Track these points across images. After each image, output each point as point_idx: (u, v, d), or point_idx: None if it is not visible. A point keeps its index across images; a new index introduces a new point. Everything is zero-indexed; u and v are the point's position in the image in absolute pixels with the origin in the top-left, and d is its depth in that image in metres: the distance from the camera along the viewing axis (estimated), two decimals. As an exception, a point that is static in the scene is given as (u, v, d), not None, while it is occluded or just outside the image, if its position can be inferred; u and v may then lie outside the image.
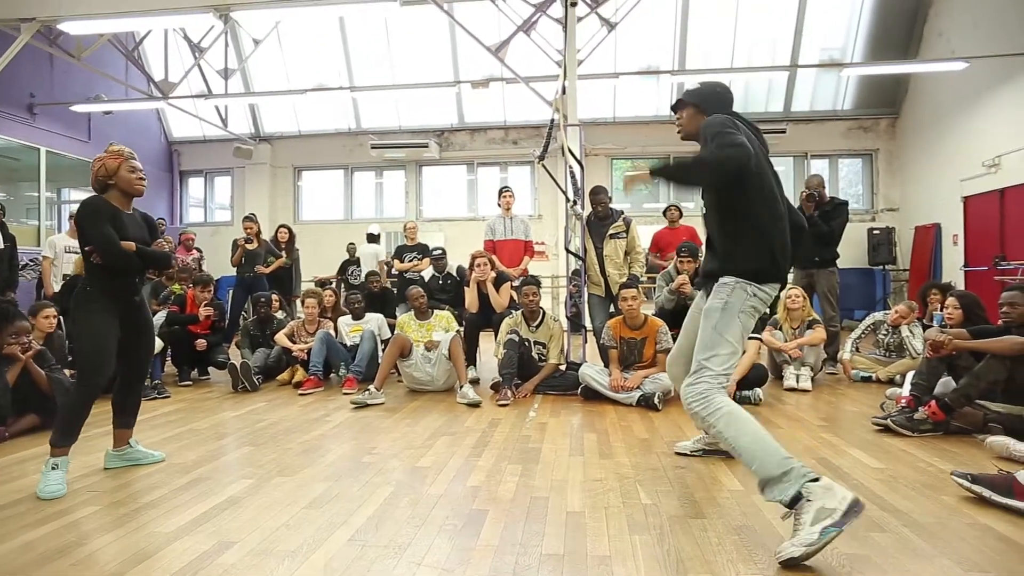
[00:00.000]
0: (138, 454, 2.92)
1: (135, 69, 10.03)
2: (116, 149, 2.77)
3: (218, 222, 12.68)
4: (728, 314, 2.17)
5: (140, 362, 2.90)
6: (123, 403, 2.90)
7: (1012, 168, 8.10)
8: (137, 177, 2.77)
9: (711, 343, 2.17)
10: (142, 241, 2.80)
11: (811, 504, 1.81)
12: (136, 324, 2.82)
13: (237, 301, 7.03)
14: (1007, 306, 3.30)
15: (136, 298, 2.83)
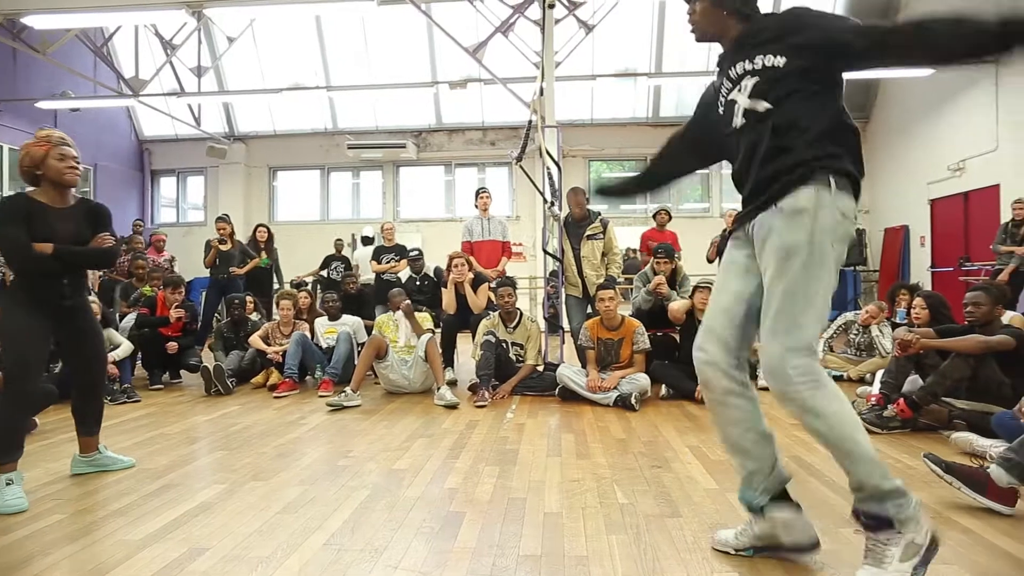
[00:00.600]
0: (107, 460, 2.83)
1: (104, 65, 9.79)
2: (44, 134, 2.53)
3: (191, 222, 12.46)
4: (815, 247, 1.57)
5: (88, 369, 2.73)
6: (82, 410, 2.77)
7: (976, 172, 8.35)
8: (67, 166, 2.52)
9: (805, 294, 1.58)
10: (78, 238, 2.58)
11: (902, 537, 1.56)
12: (74, 330, 2.65)
13: (210, 303, 6.91)
14: (971, 306, 3.40)
15: (67, 303, 2.60)
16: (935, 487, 2.47)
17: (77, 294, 2.68)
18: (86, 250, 2.64)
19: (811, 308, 1.59)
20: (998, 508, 2.17)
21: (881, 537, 1.58)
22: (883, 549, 1.57)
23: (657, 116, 11.21)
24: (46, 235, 2.50)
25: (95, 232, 2.67)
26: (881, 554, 1.57)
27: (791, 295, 1.59)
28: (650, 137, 11.17)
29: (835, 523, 2.12)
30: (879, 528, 1.58)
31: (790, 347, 1.59)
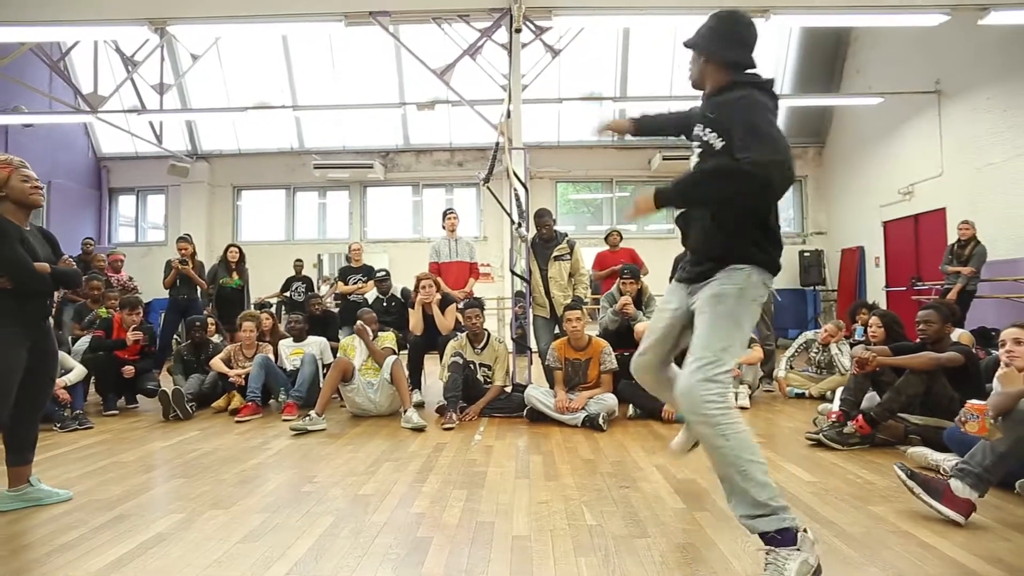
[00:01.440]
0: (40, 493, 2.65)
1: (60, 80, 9.53)
2: (4, 158, 2.52)
3: (151, 242, 12.13)
4: (744, 301, 1.91)
5: (41, 392, 2.65)
6: (18, 437, 2.62)
7: (925, 196, 8.73)
8: (32, 187, 2.53)
9: (726, 331, 1.88)
10: (47, 259, 2.59)
11: (799, 554, 1.71)
12: (43, 351, 2.59)
13: (169, 324, 6.71)
14: (923, 324, 3.53)
15: (44, 323, 2.59)
16: (894, 501, 2.54)
17: (50, 313, 2.67)
18: (69, 271, 2.67)
19: (730, 346, 1.88)
20: (951, 515, 2.24)
21: (783, 552, 1.73)
22: (783, 562, 1.71)
23: (622, 139, 11.44)
24: (33, 256, 2.51)
25: (56, 254, 2.69)
26: (781, 567, 1.71)
27: (715, 332, 1.90)
28: (615, 160, 11.40)
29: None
30: (783, 543, 1.73)
31: (708, 376, 1.84)
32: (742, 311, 1.91)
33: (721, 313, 1.91)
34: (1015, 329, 2.76)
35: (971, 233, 6.61)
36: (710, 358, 1.85)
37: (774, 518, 1.75)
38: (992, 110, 7.52)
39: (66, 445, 3.80)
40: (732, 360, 1.88)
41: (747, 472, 1.77)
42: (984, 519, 2.31)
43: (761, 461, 1.81)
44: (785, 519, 1.75)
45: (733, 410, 1.84)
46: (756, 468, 1.78)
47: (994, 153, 7.50)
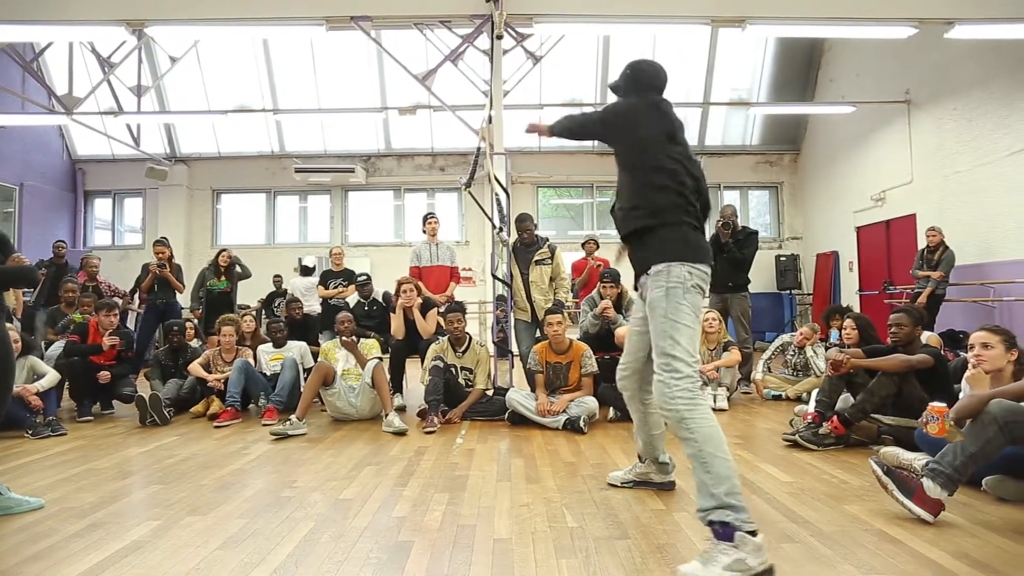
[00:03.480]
0: (9, 502, 2.58)
1: (34, 81, 9.35)
2: None
3: (127, 245, 11.93)
4: (672, 299, 2.08)
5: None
6: None
7: (896, 202, 8.95)
8: None
9: (668, 331, 2.07)
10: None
11: (735, 552, 1.81)
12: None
13: (147, 328, 6.61)
14: (895, 327, 3.62)
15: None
16: (867, 500, 2.60)
17: (6, 318, 2.56)
18: (13, 268, 2.57)
19: (678, 345, 2.04)
20: (921, 514, 2.30)
21: (721, 545, 1.83)
22: (716, 555, 1.82)
23: (602, 145, 11.50)
24: None
25: (4, 254, 2.58)
26: (712, 557, 1.82)
27: (660, 337, 2.09)
28: (596, 165, 11.48)
29: (775, 538, 2.19)
30: (724, 537, 1.84)
31: (671, 376, 2.03)
32: (673, 310, 2.07)
33: (658, 317, 2.09)
34: (983, 333, 2.85)
35: (939, 239, 6.80)
36: (666, 360, 2.05)
37: (720, 511, 1.86)
38: (958, 120, 7.74)
39: (38, 452, 3.72)
40: (685, 355, 2.04)
41: (708, 465, 1.92)
42: (953, 516, 2.38)
43: (724, 456, 1.93)
44: (729, 515, 1.85)
45: (701, 406, 1.99)
46: (718, 463, 1.91)
47: (961, 161, 7.72)
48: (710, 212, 2.41)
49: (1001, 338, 2.79)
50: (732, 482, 1.90)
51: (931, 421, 2.70)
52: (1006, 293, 6.99)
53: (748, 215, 11.90)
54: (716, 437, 1.96)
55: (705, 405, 2.01)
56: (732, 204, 6.05)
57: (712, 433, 1.96)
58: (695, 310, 2.10)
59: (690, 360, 2.05)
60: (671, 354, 2.05)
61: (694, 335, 2.09)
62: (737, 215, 5.94)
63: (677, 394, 2.01)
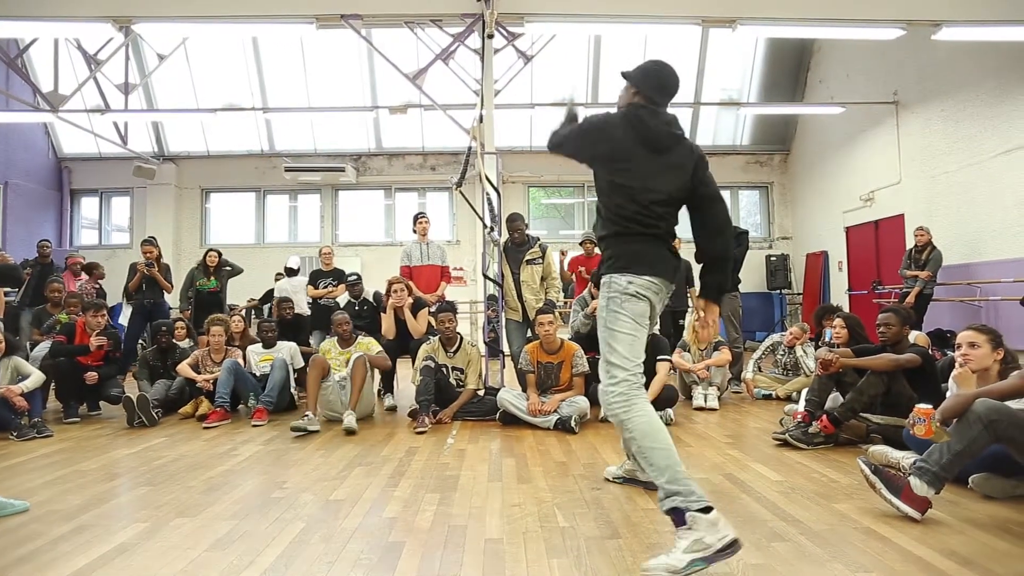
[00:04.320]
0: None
1: (18, 78, 9.23)
2: None
3: (115, 245, 11.81)
4: (610, 309, 2.16)
5: None
6: None
7: (884, 202, 9.02)
8: None
9: (607, 339, 2.17)
10: None
11: (691, 533, 1.86)
12: None
13: (134, 329, 6.54)
14: (883, 326, 3.65)
15: None
16: (856, 499, 2.62)
17: None
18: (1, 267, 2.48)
19: (615, 351, 2.13)
20: (909, 512, 2.32)
21: (680, 531, 1.90)
22: (676, 541, 1.89)
23: (594, 145, 11.54)
24: None
25: None
26: (673, 544, 1.90)
27: (603, 345, 2.19)
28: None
29: (766, 537, 2.20)
30: (679, 523, 1.91)
31: (608, 383, 2.13)
32: (611, 319, 2.16)
33: (600, 326, 2.21)
34: (970, 332, 2.87)
35: (927, 239, 6.86)
36: (606, 367, 2.16)
37: (668, 500, 1.94)
38: (946, 121, 7.82)
39: (23, 454, 3.68)
40: (622, 360, 2.12)
41: (648, 458, 2.01)
42: (940, 514, 2.40)
43: (663, 447, 2.00)
44: (677, 500, 1.92)
45: (637, 405, 2.07)
46: (657, 454, 1.99)
47: (948, 162, 7.79)
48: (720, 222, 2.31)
49: (988, 337, 2.82)
50: (673, 469, 1.96)
51: (918, 423, 2.72)
52: (992, 293, 7.06)
53: (739, 215, 11.96)
54: (653, 431, 2.03)
55: (641, 403, 2.08)
56: (723, 204, 6.08)
57: (648, 429, 2.04)
58: (635, 317, 2.14)
59: (628, 365, 2.12)
60: (609, 360, 2.14)
61: (634, 341, 2.14)
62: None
63: (612, 399, 2.10)
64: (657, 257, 2.20)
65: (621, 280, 2.16)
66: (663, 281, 2.20)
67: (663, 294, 2.23)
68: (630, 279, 2.15)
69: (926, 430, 2.66)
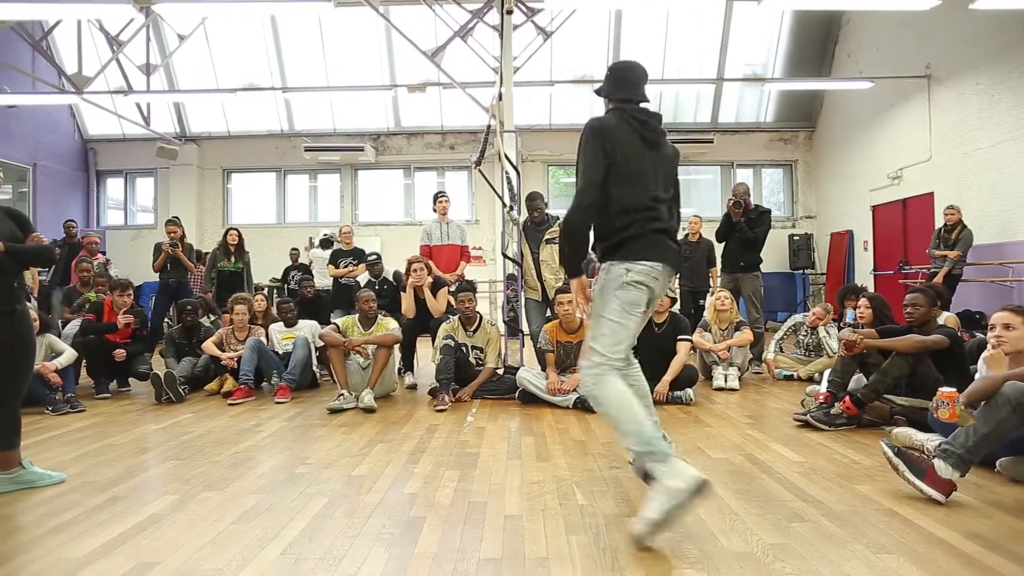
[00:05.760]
0: (32, 476, 2.65)
1: (43, 60, 9.35)
2: None
3: (140, 225, 12.01)
4: (604, 295, 2.28)
5: (17, 380, 2.61)
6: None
7: (913, 180, 8.79)
8: None
9: (594, 325, 2.29)
10: (10, 237, 2.51)
11: (661, 483, 2.00)
12: (16, 338, 2.54)
13: (160, 307, 6.67)
14: (910, 307, 3.57)
15: (18, 307, 2.53)
16: (878, 480, 2.60)
17: (21, 298, 2.59)
18: (32, 247, 2.59)
19: (600, 336, 2.26)
20: (932, 494, 2.30)
21: (652, 489, 2.03)
22: (653, 495, 2.00)
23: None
24: None
25: (24, 233, 2.60)
26: (650, 499, 2.01)
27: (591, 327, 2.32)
28: (608, 143, 11.35)
29: (786, 517, 2.20)
30: (650, 481, 2.07)
31: (587, 363, 2.27)
32: (603, 304, 2.27)
33: (592, 311, 2.34)
34: (1006, 313, 2.80)
35: (956, 218, 6.67)
36: (589, 349, 2.28)
37: (639, 460, 2.17)
38: (981, 95, 7.54)
39: (58, 428, 3.80)
40: (601, 346, 2.24)
41: (618, 426, 2.18)
42: (965, 497, 2.37)
43: (628, 416, 2.14)
44: (646, 459, 2.08)
45: (605, 381, 2.20)
46: (624, 423, 2.15)
47: (982, 138, 7.54)
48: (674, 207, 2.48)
49: (1023, 319, 2.75)
50: (640, 433, 2.11)
51: (941, 406, 2.68)
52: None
53: (761, 193, 11.75)
54: (620, 402, 2.17)
55: (612, 379, 2.21)
56: (744, 183, 5.96)
57: (616, 400, 2.18)
58: (626, 306, 2.25)
59: (606, 351, 2.23)
60: (591, 344, 2.28)
61: (619, 328, 2.25)
62: (750, 193, 5.86)
63: (587, 379, 2.26)
64: (658, 243, 2.31)
65: (619, 268, 2.27)
66: (665, 267, 2.31)
67: (663, 279, 2.33)
68: (628, 266, 2.25)
69: (950, 413, 2.62)
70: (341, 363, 4.44)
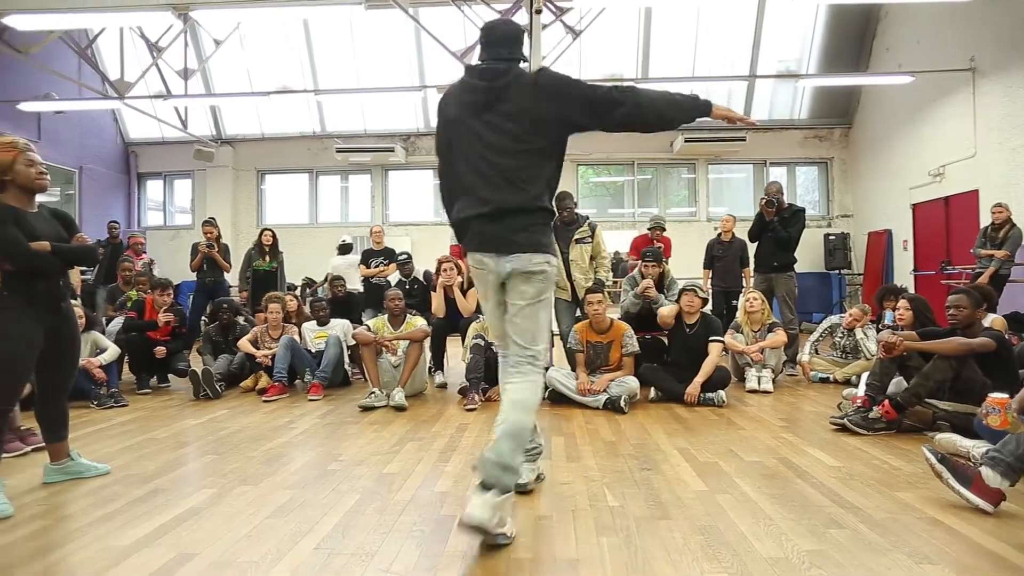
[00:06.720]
0: (80, 467, 2.76)
1: (88, 67, 9.68)
2: (9, 140, 2.50)
3: (178, 226, 12.34)
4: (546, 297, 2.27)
5: (62, 375, 2.69)
6: (47, 417, 2.70)
7: (955, 177, 8.49)
8: (37, 172, 2.52)
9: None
10: (56, 238, 2.59)
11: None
12: (62, 335, 2.62)
13: (197, 306, 6.85)
14: (953, 308, 3.45)
15: (63, 305, 2.62)
16: (920, 488, 2.52)
17: (70, 296, 2.69)
18: (77, 247, 2.68)
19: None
20: (980, 504, 2.21)
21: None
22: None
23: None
24: (32, 237, 2.50)
25: (69, 233, 2.69)
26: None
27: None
28: (637, 142, 11.22)
29: (822, 523, 2.15)
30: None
31: None
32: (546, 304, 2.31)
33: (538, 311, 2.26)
34: None
35: (1005, 216, 6.41)
36: None
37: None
38: (1030, 88, 7.25)
39: (103, 422, 3.94)
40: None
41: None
42: (1015, 507, 2.28)
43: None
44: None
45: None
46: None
47: (1031, 133, 7.25)
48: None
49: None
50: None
51: (992, 413, 2.58)
52: (1076, 273, 6.58)
53: (795, 192, 11.50)
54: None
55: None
56: (777, 181, 5.85)
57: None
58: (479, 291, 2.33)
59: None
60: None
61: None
62: (783, 192, 5.74)
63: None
64: (464, 234, 2.25)
65: (555, 262, 2.24)
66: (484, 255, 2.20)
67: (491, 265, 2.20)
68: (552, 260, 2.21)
69: (1001, 420, 2.53)
70: (373, 361, 4.50)
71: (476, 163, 2.16)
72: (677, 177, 11.83)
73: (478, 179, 2.16)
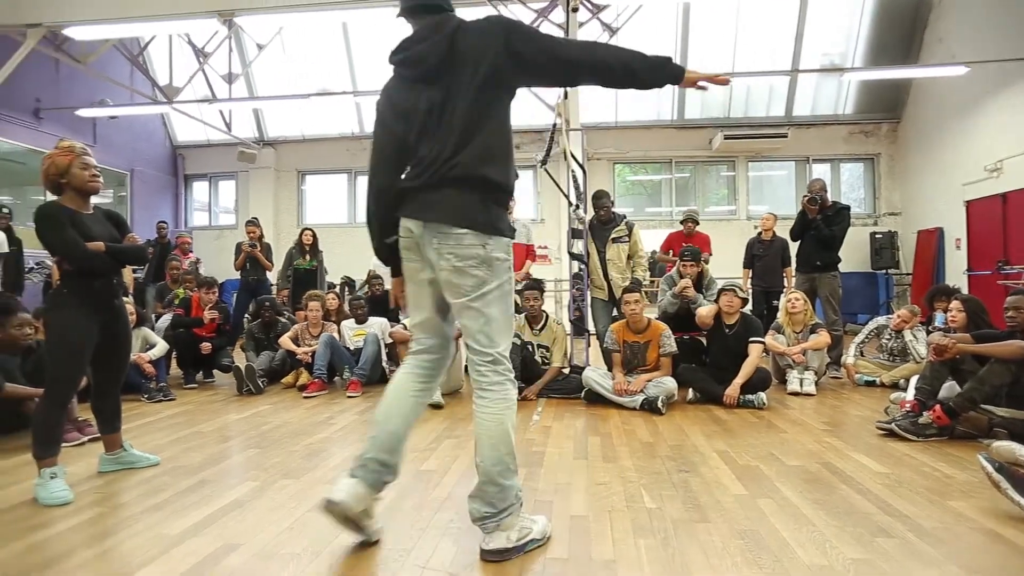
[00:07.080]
0: (132, 458, 2.89)
1: (140, 74, 10.08)
2: (67, 145, 2.62)
3: (222, 225, 12.72)
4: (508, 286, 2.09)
5: (117, 370, 2.82)
6: (102, 409, 2.84)
7: (1014, 172, 8.10)
8: (91, 175, 2.62)
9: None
10: (110, 239, 2.70)
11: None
12: (116, 331, 2.73)
13: (240, 304, 7.05)
14: (1012, 310, 3.29)
15: (116, 302, 2.74)
16: (975, 497, 2.41)
17: (123, 294, 2.81)
18: (129, 247, 2.79)
19: None
20: (1040, 516, 2.11)
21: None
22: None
23: (682, 118, 11.12)
24: (88, 238, 2.62)
25: (121, 233, 2.81)
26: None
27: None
28: (675, 139, 11.10)
29: (869, 532, 2.08)
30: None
31: None
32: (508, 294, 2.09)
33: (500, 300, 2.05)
34: None
35: (1068, 213, 6.10)
36: None
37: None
38: (1096, 78, 6.87)
39: (152, 415, 4.09)
40: None
41: None
42: (1077, 518, 2.17)
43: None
44: None
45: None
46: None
47: (1097, 125, 6.86)
48: None
49: None
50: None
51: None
52: None
53: (839, 190, 11.15)
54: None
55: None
56: (821, 179, 5.67)
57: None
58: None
59: None
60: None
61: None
62: (826, 189, 5.58)
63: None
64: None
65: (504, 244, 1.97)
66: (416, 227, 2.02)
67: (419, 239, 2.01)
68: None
69: None
70: None
71: (408, 134, 2.21)
72: (716, 175, 11.61)
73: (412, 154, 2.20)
